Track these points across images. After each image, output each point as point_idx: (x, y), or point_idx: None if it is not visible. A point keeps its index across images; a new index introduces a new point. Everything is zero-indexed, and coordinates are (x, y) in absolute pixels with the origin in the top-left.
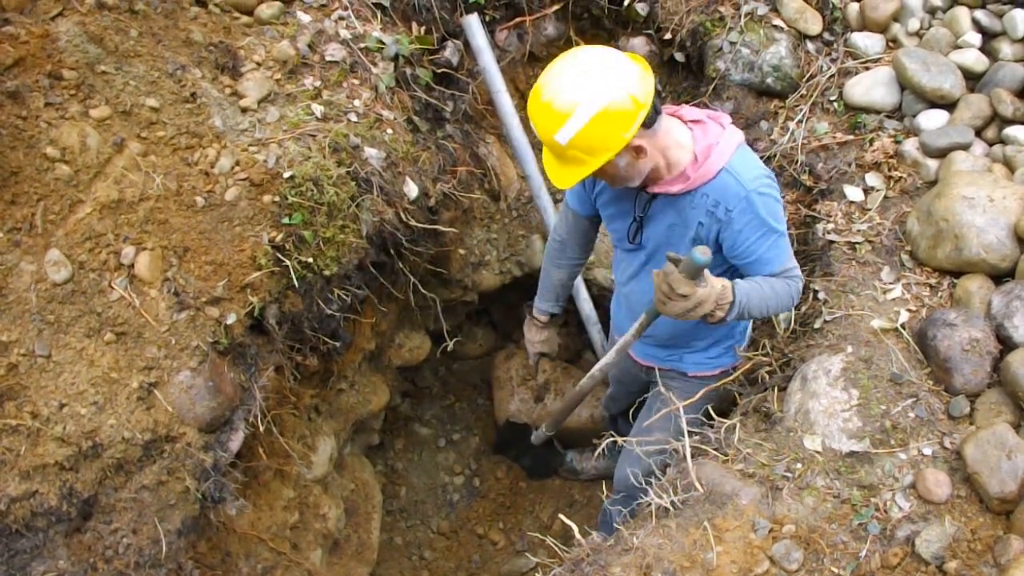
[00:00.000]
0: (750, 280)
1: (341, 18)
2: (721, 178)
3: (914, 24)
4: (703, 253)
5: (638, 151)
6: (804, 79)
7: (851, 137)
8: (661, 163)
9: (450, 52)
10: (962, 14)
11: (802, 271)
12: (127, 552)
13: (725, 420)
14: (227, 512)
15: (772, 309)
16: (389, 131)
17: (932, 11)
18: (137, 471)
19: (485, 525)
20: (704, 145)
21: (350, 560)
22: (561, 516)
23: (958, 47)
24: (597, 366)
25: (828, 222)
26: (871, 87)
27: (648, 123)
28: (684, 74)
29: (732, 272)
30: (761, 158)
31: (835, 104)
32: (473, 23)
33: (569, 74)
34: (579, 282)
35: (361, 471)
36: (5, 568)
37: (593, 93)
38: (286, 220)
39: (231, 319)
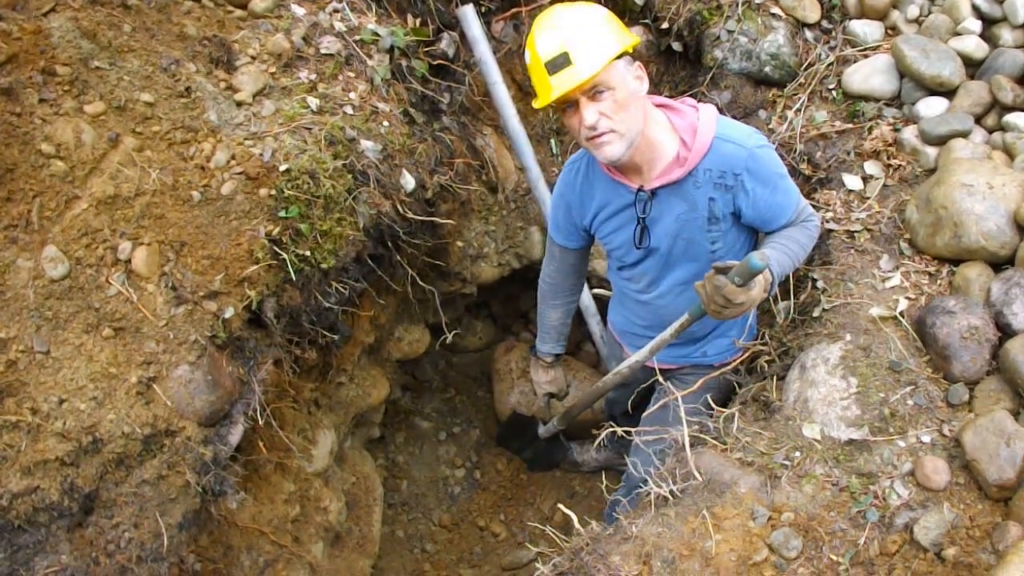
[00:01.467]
0: (774, 245)
1: (335, 11)
2: (717, 147)
3: (913, 11)
4: (760, 258)
5: (640, 77)
6: (802, 67)
7: (850, 125)
8: (649, 137)
9: (446, 44)
10: (962, 0)
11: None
12: (129, 546)
13: (724, 409)
14: (228, 506)
15: (800, 259)
16: (385, 123)
17: None
18: (137, 465)
19: (486, 517)
20: (686, 124)
21: (352, 553)
22: (561, 506)
23: (957, 34)
24: (625, 363)
25: (827, 211)
26: (870, 75)
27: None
28: (682, 63)
29: (741, 229)
30: None
31: (834, 92)
32: (469, 14)
33: (561, 14)
34: None
35: (362, 464)
36: (8, 563)
37: (590, 10)
38: (283, 213)
39: (229, 313)
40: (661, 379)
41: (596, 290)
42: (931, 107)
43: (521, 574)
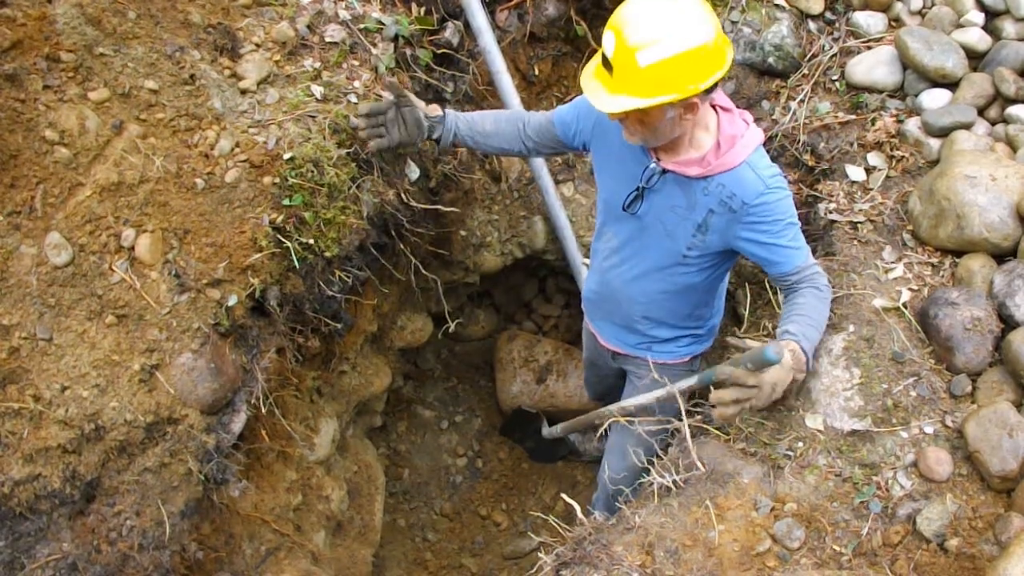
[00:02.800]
0: (799, 322)
1: None
2: (741, 171)
3: (916, 3)
4: (776, 352)
5: (690, 109)
6: (806, 58)
7: (853, 117)
8: (687, 136)
9: (450, 33)
10: None
11: None
12: (131, 534)
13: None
14: (230, 494)
15: (824, 327)
16: None
17: None
18: (140, 453)
19: (488, 506)
20: (729, 134)
21: (353, 542)
22: (563, 496)
23: (961, 26)
24: (633, 403)
25: (830, 202)
26: (873, 66)
27: (712, 87)
28: None
29: (720, 257)
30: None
31: (837, 84)
32: (473, 3)
33: (674, 1)
34: (579, 263)
35: (364, 453)
36: (9, 551)
37: (696, 28)
38: (286, 201)
39: (232, 301)
40: (657, 375)
41: (585, 260)
42: (934, 99)
43: (523, 563)
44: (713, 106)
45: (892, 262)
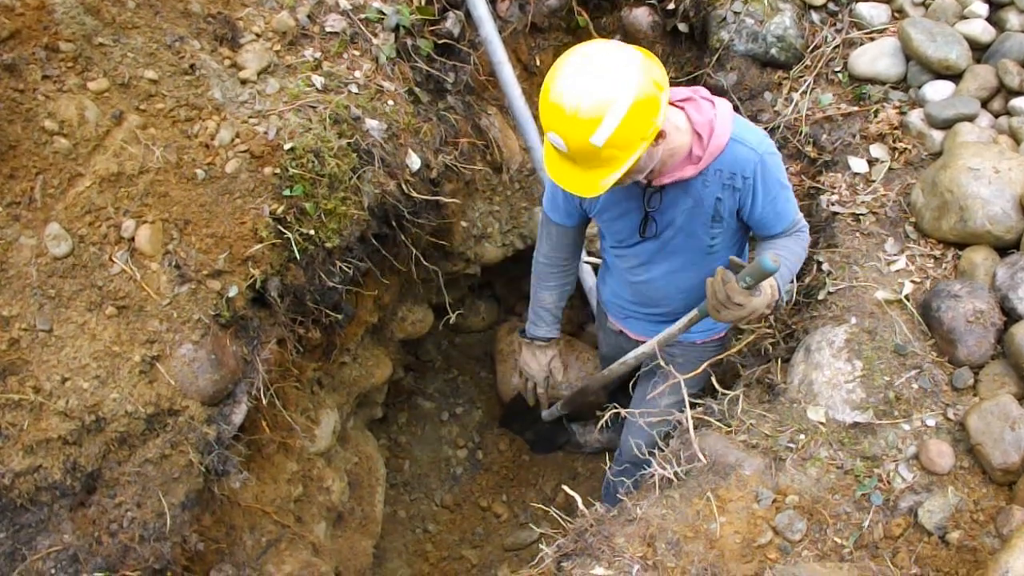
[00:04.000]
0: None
1: None
2: (731, 149)
3: None
4: (773, 260)
5: (659, 137)
6: (808, 50)
7: (855, 108)
8: (665, 148)
9: (451, 23)
10: None
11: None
12: (132, 525)
13: (728, 391)
14: (231, 485)
15: (795, 272)
16: (390, 102)
17: None
18: (140, 445)
19: (489, 498)
20: (703, 121)
21: (354, 533)
22: (565, 487)
23: (964, 17)
24: (633, 354)
25: (832, 194)
26: (876, 58)
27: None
28: (687, 45)
29: (740, 227)
30: (765, 129)
31: (840, 75)
32: None
33: (588, 75)
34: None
35: (364, 444)
36: (10, 542)
37: (621, 86)
38: (287, 192)
39: (233, 292)
40: (664, 362)
41: (588, 259)
42: (937, 90)
43: (523, 555)
44: (674, 103)
45: (894, 254)
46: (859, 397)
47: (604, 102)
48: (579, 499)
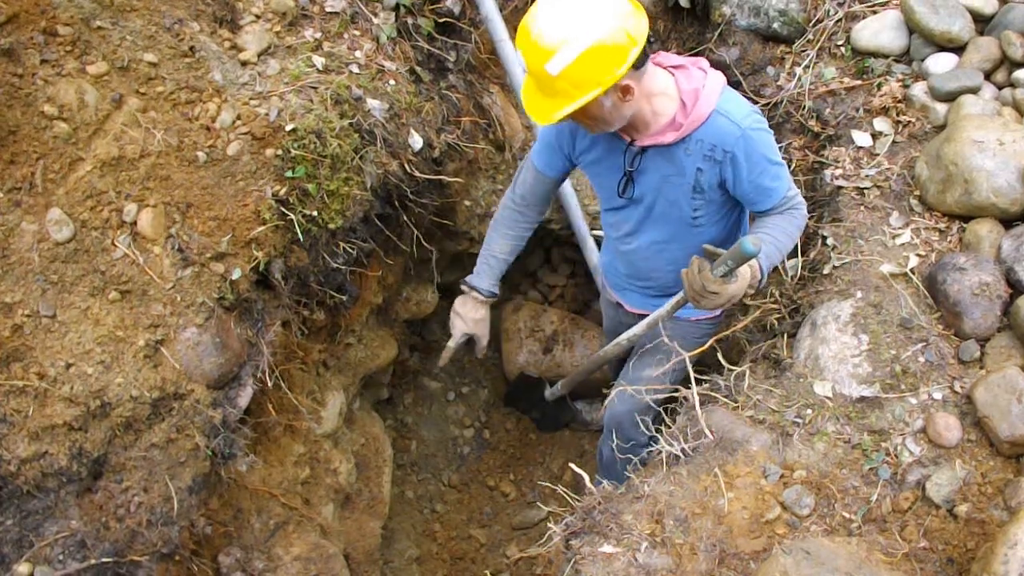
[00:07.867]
0: (763, 237)
1: None
2: (713, 120)
3: None
4: (754, 244)
5: (625, 91)
6: (811, 24)
7: (859, 82)
8: (646, 110)
9: (452, 1)
10: None
11: (811, 218)
12: (139, 510)
13: (735, 367)
14: (238, 468)
15: (788, 250)
16: (391, 82)
17: None
18: (146, 429)
19: (496, 477)
20: (690, 89)
21: (362, 514)
22: (571, 465)
23: None
24: (625, 335)
25: (836, 168)
26: (879, 31)
27: (638, 64)
28: (689, 20)
29: (727, 202)
30: (767, 104)
31: (842, 49)
32: None
33: (563, 7)
34: (585, 232)
35: (371, 426)
36: (18, 529)
37: (589, 25)
38: (289, 174)
39: (236, 274)
40: (666, 338)
41: (595, 231)
42: (940, 63)
43: (531, 534)
44: (665, 67)
45: (899, 228)
46: (865, 371)
47: (565, 36)
48: (586, 477)
